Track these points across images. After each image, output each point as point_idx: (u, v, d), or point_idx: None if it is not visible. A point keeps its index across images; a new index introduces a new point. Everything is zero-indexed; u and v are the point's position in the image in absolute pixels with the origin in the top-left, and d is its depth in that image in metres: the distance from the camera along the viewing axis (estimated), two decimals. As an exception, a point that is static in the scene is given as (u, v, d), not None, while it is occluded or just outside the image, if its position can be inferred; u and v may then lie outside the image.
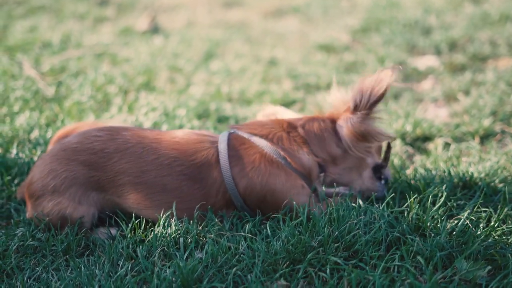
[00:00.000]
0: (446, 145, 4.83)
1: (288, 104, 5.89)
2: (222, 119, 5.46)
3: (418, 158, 4.64)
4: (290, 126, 3.66)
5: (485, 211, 3.51)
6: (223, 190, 3.53)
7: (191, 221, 3.49)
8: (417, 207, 3.45)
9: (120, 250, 3.33)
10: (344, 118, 3.61)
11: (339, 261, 3.06)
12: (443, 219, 3.40)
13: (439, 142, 4.85)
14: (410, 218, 3.39)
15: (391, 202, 3.56)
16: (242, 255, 3.19)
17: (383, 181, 3.81)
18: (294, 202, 3.47)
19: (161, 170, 3.52)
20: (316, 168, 3.63)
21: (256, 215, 3.58)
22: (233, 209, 3.60)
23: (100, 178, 3.55)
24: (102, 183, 3.55)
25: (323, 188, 3.65)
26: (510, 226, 3.38)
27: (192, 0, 11.32)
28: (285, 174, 3.51)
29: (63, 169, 3.55)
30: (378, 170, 3.80)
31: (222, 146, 3.57)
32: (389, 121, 5.15)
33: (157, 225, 3.49)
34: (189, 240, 3.35)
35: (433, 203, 3.55)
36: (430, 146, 4.86)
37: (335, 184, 3.74)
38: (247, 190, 3.51)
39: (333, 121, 3.68)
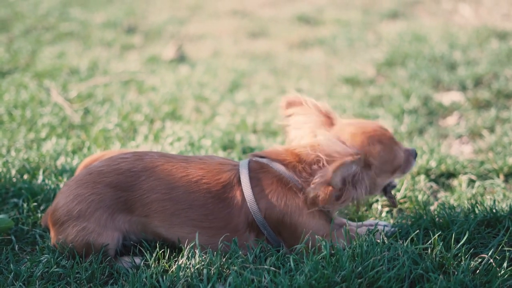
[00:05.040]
0: (471, 182, 4.82)
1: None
2: (247, 151, 5.43)
3: (443, 195, 4.63)
4: (301, 159, 3.65)
5: (509, 250, 3.50)
6: (245, 210, 3.58)
7: (215, 252, 3.50)
8: (441, 244, 3.45)
9: (144, 279, 3.35)
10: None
11: (362, 297, 3.07)
12: (467, 257, 3.40)
13: (463, 179, 4.84)
14: (433, 256, 3.39)
15: (415, 238, 3.56)
16: (265, 288, 3.19)
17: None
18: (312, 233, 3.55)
19: (189, 186, 3.57)
20: None
21: (279, 242, 3.63)
22: (256, 233, 3.63)
23: (127, 198, 3.58)
24: (129, 203, 3.58)
25: (347, 221, 3.67)
26: (535, 266, 3.37)
27: (218, 30, 11.40)
28: (301, 198, 3.57)
29: (90, 193, 3.57)
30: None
31: (243, 169, 3.65)
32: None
33: (181, 255, 3.51)
34: (212, 272, 3.36)
35: (457, 241, 3.55)
36: (455, 182, 4.85)
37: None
38: (267, 211, 3.57)
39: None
